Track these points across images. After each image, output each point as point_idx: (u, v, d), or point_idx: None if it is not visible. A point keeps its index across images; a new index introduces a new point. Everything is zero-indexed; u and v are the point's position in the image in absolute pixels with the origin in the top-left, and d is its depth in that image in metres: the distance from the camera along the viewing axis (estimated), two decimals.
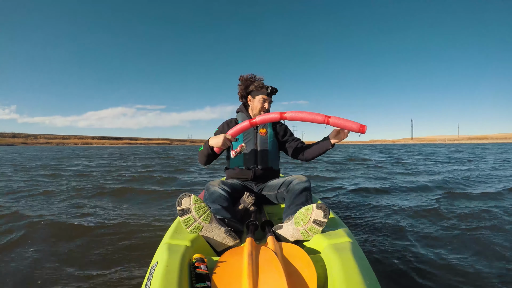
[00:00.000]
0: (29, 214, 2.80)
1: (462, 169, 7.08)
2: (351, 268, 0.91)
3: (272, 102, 1.89)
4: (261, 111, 1.83)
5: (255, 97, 1.85)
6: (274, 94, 1.87)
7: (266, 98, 1.83)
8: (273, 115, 1.53)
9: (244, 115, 1.88)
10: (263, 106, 1.83)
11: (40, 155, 17.71)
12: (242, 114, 1.90)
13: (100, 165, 9.97)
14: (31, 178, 6.01)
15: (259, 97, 1.83)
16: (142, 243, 2.08)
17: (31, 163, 10.73)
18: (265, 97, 1.83)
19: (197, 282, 0.91)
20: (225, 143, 1.57)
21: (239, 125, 1.59)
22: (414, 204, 3.14)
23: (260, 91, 1.84)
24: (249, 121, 1.57)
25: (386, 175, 5.88)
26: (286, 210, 1.49)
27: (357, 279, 0.87)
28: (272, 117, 1.54)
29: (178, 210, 1.20)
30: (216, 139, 1.59)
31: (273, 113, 1.54)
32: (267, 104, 1.84)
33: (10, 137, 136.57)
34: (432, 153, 15.17)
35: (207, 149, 1.66)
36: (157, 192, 4.27)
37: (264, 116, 1.56)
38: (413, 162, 9.31)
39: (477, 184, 4.55)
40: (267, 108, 1.85)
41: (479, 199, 3.36)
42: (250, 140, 1.81)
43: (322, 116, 1.44)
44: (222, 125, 1.89)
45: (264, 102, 1.83)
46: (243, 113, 1.90)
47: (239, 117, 1.89)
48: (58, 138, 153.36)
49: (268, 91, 1.83)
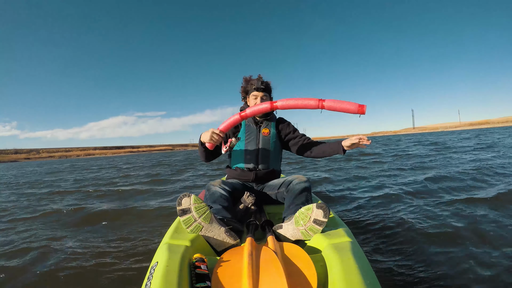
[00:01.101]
0: (39, 209, 2.81)
1: (474, 159, 6.85)
2: (351, 268, 0.91)
3: (267, 97, 1.86)
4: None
5: (250, 95, 1.86)
6: (263, 87, 1.82)
7: (257, 93, 1.82)
8: (263, 106, 1.48)
9: None
10: (255, 103, 1.81)
11: (40, 169, 17.54)
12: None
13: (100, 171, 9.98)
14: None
15: (252, 94, 1.84)
16: (142, 243, 2.08)
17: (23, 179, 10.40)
18: (255, 93, 1.82)
19: (197, 282, 0.91)
20: (212, 138, 1.52)
21: (229, 119, 1.55)
22: (417, 203, 3.14)
23: (252, 88, 1.84)
24: (239, 113, 1.53)
25: (390, 172, 5.86)
26: (286, 210, 1.49)
27: (357, 279, 0.87)
28: (262, 107, 1.48)
29: (178, 210, 1.20)
30: (205, 134, 1.56)
31: (263, 103, 1.49)
32: (258, 99, 1.81)
33: (13, 153, 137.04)
34: (442, 142, 14.72)
35: (200, 145, 1.66)
36: (157, 191, 4.27)
37: (254, 108, 1.51)
38: (425, 154, 9.14)
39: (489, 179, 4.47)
40: (259, 102, 1.79)
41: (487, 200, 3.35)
42: (252, 140, 1.80)
43: (315, 100, 1.35)
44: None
45: (256, 98, 1.82)
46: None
47: None
48: (61, 151, 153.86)
49: (254, 86, 1.81)
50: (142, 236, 2.21)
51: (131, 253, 1.91)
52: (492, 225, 2.31)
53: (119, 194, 4.12)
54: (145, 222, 2.60)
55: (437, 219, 2.49)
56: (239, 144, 1.81)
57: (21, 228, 2.53)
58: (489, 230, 2.20)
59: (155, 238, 2.14)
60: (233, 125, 1.56)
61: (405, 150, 11.32)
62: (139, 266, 1.71)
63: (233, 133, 1.83)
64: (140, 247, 2.00)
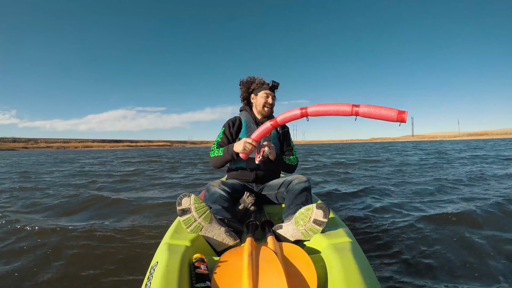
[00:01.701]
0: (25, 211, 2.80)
1: (468, 168, 7.01)
2: (351, 268, 0.91)
3: (275, 98, 1.89)
4: (265, 106, 1.84)
5: (258, 94, 1.86)
6: (276, 89, 1.87)
7: (269, 92, 1.84)
8: (294, 112, 1.38)
9: (248, 114, 1.88)
10: (267, 101, 1.83)
11: (38, 158, 17.55)
12: (245, 112, 1.90)
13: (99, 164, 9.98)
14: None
15: (262, 93, 1.84)
16: (142, 243, 2.08)
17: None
18: (267, 92, 1.84)
19: (197, 282, 0.91)
20: (245, 148, 1.55)
21: (261, 128, 1.51)
22: (417, 205, 3.14)
23: (262, 87, 1.86)
24: (270, 122, 1.48)
25: (387, 175, 5.88)
26: (286, 210, 1.49)
27: (357, 279, 0.87)
28: (293, 114, 1.39)
29: (178, 210, 1.20)
30: (238, 144, 1.60)
31: (293, 110, 1.39)
32: (270, 99, 1.84)
33: (11, 141, 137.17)
34: (443, 151, 14.94)
35: (231, 155, 1.66)
36: (156, 191, 4.27)
37: (285, 115, 1.43)
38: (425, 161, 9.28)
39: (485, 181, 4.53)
40: (271, 102, 1.85)
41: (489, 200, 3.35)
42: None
43: (349, 106, 1.21)
44: (227, 123, 1.87)
45: (268, 97, 1.84)
46: (246, 111, 1.90)
47: (243, 116, 1.89)
48: (59, 142, 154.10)
49: (270, 85, 1.84)
50: (141, 236, 2.21)
51: (130, 253, 1.91)
52: (492, 227, 2.32)
53: (117, 193, 4.11)
54: (145, 222, 2.60)
55: (437, 220, 2.49)
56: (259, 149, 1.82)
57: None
58: (489, 232, 2.20)
59: (155, 238, 2.14)
60: (265, 134, 1.53)
61: (404, 155, 11.35)
62: (139, 266, 1.71)
63: (235, 134, 1.83)
64: (140, 247, 2.00)
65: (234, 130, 1.83)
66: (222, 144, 1.81)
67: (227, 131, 1.83)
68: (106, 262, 1.78)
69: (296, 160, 1.92)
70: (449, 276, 1.57)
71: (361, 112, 1.20)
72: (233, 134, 1.83)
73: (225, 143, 1.81)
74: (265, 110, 1.84)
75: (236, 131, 1.84)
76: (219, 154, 1.73)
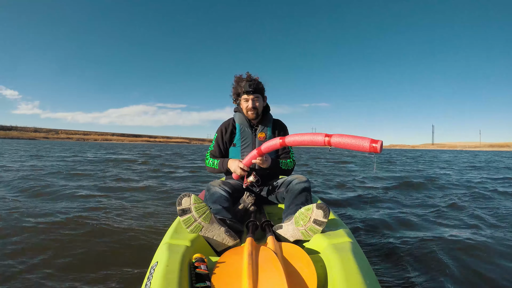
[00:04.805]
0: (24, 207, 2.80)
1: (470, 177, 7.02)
2: (351, 268, 0.91)
3: (259, 98, 1.78)
4: (247, 111, 1.77)
5: (242, 97, 1.78)
6: (251, 90, 1.73)
7: (247, 96, 1.74)
8: (275, 142, 1.49)
9: (241, 115, 1.83)
10: (247, 106, 1.76)
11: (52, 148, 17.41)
12: (238, 114, 1.86)
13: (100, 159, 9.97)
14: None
15: (244, 96, 1.77)
16: (142, 243, 2.08)
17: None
18: (246, 97, 1.75)
19: (197, 282, 0.91)
20: (235, 171, 1.62)
21: (249, 155, 1.60)
22: (417, 205, 3.14)
23: (242, 90, 1.76)
24: (255, 149, 1.57)
25: (388, 177, 5.87)
26: (286, 210, 1.49)
27: (357, 279, 0.87)
28: (274, 143, 1.49)
29: (178, 210, 1.20)
30: (233, 163, 1.66)
31: (274, 139, 1.50)
32: (250, 103, 1.74)
33: (32, 131, 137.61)
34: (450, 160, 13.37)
35: (226, 170, 1.73)
36: (156, 191, 4.26)
37: (268, 144, 1.52)
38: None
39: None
40: (251, 106, 1.74)
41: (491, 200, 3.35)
42: (248, 145, 1.79)
43: (322, 136, 1.28)
44: (219, 130, 1.85)
45: (247, 101, 1.75)
46: (239, 113, 1.86)
47: (236, 118, 1.85)
48: (79, 134, 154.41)
49: (243, 90, 1.74)
50: (141, 236, 2.21)
51: (130, 253, 1.91)
52: (492, 230, 2.31)
53: (117, 193, 4.11)
54: (145, 221, 2.60)
55: (437, 221, 2.49)
56: (235, 151, 1.81)
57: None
58: (489, 234, 2.20)
59: (155, 238, 2.14)
60: (253, 159, 1.59)
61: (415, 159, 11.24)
62: (139, 266, 1.71)
63: (229, 141, 1.82)
64: (140, 247, 2.00)
65: (227, 137, 1.81)
66: (214, 154, 1.84)
67: (220, 139, 1.83)
68: (106, 262, 1.78)
69: (293, 163, 1.86)
70: (449, 276, 1.57)
71: (333, 142, 1.24)
72: (226, 143, 1.83)
73: (217, 153, 1.84)
74: (249, 114, 1.78)
75: (229, 137, 1.82)
76: (215, 167, 1.79)
